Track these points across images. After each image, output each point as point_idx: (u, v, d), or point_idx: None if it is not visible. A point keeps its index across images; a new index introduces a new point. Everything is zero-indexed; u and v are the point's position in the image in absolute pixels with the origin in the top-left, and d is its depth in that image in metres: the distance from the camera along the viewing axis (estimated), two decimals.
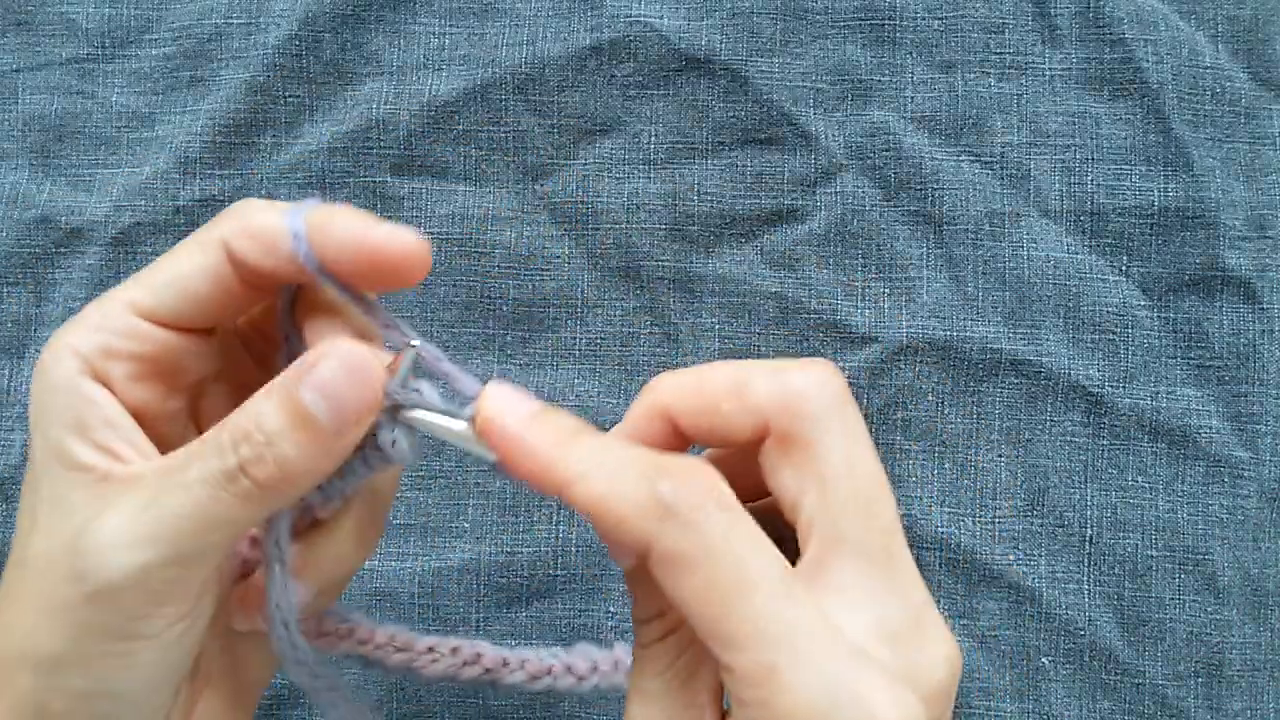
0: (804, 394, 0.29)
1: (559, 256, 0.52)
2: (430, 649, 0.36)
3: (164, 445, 0.32)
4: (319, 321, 0.32)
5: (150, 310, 0.31)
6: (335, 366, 0.28)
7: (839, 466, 0.29)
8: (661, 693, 0.29)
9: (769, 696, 0.26)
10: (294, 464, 0.28)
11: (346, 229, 0.30)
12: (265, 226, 0.31)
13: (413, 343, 0.30)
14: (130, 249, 0.51)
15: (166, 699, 0.31)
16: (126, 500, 0.29)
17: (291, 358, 0.32)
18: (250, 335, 0.36)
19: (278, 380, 0.29)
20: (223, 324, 0.34)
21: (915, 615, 0.28)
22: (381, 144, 0.52)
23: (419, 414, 0.30)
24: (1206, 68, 0.52)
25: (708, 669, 0.29)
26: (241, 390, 0.33)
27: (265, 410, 0.29)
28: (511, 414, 0.29)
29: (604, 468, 0.28)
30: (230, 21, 0.52)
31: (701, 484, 0.27)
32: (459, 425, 0.30)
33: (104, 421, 0.30)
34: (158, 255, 0.51)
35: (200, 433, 0.33)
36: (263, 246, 0.31)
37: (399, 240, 0.30)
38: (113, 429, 0.30)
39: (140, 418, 0.31)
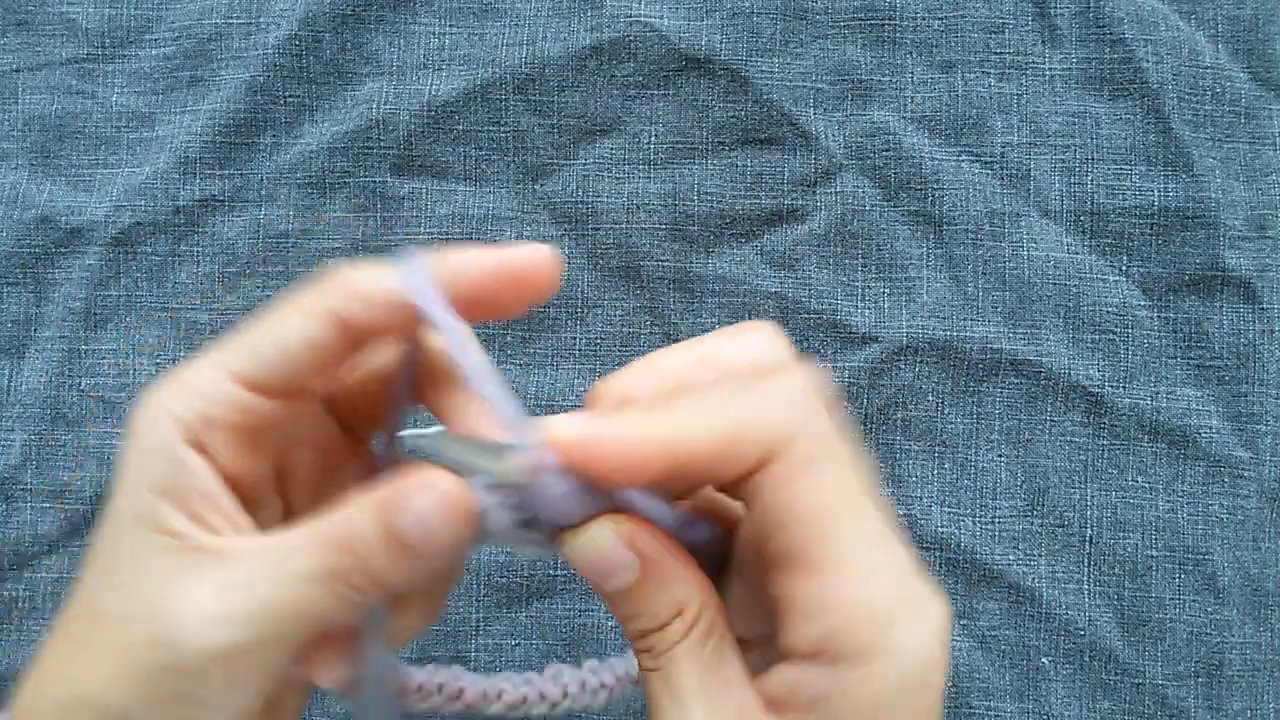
0: (761, 350, 0.31)
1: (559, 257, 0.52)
2: (420, 687, 0.37)
3: (250, 505, 0.32)
4: (453, 396, 0.33)
5: (253, 380, 0.31)
6: (430, 501, 0.29)
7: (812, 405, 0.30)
8: (698, 688, 0.29)
9: (870, 596, 0.27)
10: (386, 577, 0.30)
11: (466, 263, 0.31)
12: (375, 288, 0.31)
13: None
14: (130, 249, 0.51)
15: None
16: (217, 575, 0.30)
17: (399, 417, 0.33)
18: (331, 397, 0.36)
19: (377, 498, 0.30)
20: (315, 390, 0.34)
21: (894, 534, 0.30)
22: (381, 144, 0.52)
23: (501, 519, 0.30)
24: (1206, 68, 0.52)
25: (729, 643, 0.30)
26: (325, 453, 0.34)
27: (364, 528, 0.30)
28: (575, 422, 0.29)
29: (702, 410, 0.28)
30: (230, 21, 0.52)
31: (819, 390, 0.28)
32: (507, 460, 0.30)
33: (200, 492, 0.31)
34: (157, 255, 0.51)
35: (284, 494, 0.34)
36: (377, 308, 0.31)
37: (526, 253, 0.31)
38: (207, 500, 0.31)
39: (230, 481, 0.32)
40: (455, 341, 0.31)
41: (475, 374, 0.31)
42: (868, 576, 0.27)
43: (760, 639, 0.31)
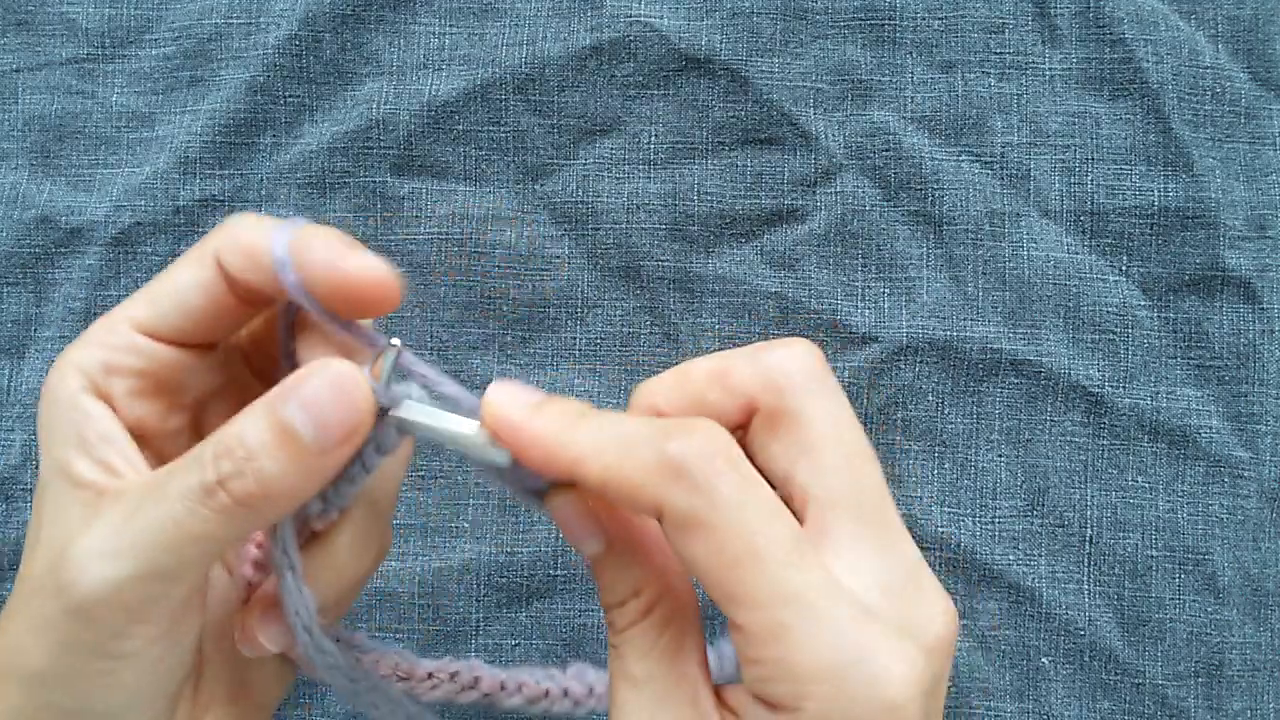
0: (784, 369, 0.30)
1: (559, 256, 0.52)
2: (430, 675, 0.36)
3: (165, 457, 0.31)
4: (311, 339, 0.32)
5: (149, 325, 0.31)
6: (321, 384, 0.28)
7: (826, 433, 0.30)
8: (650, 675, 0.29)
9: (781, 654, 0.26)
10: (275, 481, 0.28)
11: (323, 254, 0.30)
12: (253, 243, 0.31)
13: (393, 341, 0.30)
14: (130, 249, 0.51)
15: (157, 718, 0.31)
16: (109, 515, 0.29)
17: (288, 368, 0.32)
18: (252, 352, 0.36)
19: (263, 398, 0.29)
20: (222, 340, 0.34)
21: (911, 572, 0.29)
22: (381, 144, 0.52)
23: (420, 418, 0.30)
24: (1206, 68, 0.52)
25: (692, 642, 0.30)
26: (241, 406, 0.33)
27: (248, 427, 0.28)
28: (515, 405, 0.29)
29: (612, 440, 0.28)
30: (230, 21, 0.52)
31: (711, 442, 0.28)
32: (468, 427, 0.30)
33: (101, 437, 0.30)
34: (158, 255, 0.51)
35: None
36: (251, 262, 0.31)
37: (370, 271, 0.30)
38: (110, 444, 0.30)
39: (142, 435, 0.31)
40: (314, 310, 0.30)
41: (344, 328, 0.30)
42: (780, 634, 0.26)
43: None
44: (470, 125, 0.52)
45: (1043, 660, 0.50)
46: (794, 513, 0.30)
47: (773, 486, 0.30)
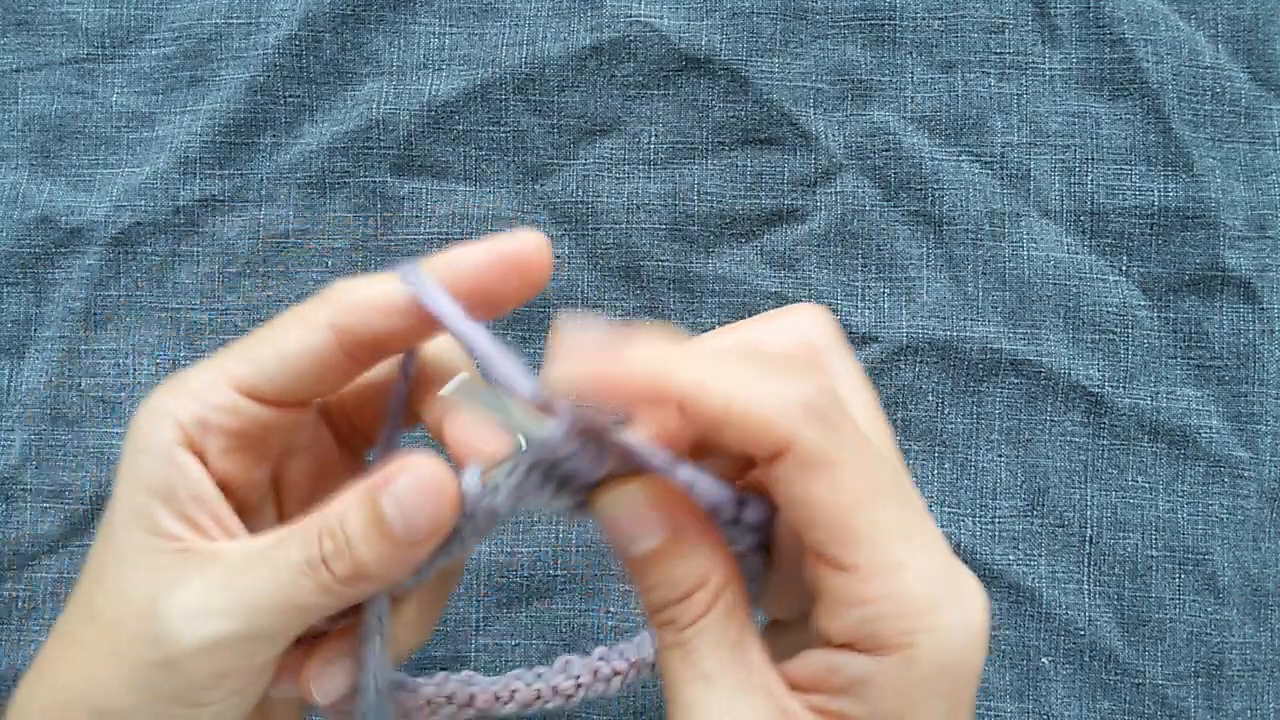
0: (815, 331, 0.31)
1: (559, 256, 0.52)
2: (428, 702, 0.36)
3: (245, 512, 0.33)
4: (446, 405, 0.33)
5: (250, 386, 0.32)
6: (412, 483, 0.29)
7: (855, 388, 0.31)
8: (723, 669, 0.29)
9: (897, 589, 0.27)
10: (369, 566, 0.29)
11: (472, 257, 0.32)
12: (375, 294, 0.32)
13: (522, 443, 0.30)
14: (130, 249, 0.51)
15: None
16: (206, 574, 0.30)
17: (395, 429, 0.33)
18: (329, 409, 0.36)
19: (363, 484, 0.30)
20: (321, 399, 0.35)
21: (928, 519, 0.30)
22: (381, 144, 0.52)
23: (487, 409, 0.30)
24: (1206, 68, 0.52)
25: (752, 630, 0.29)
26: (321, 464, 0.34)
27: (350, 512, 0.30)
28: (599, 341, 0.28)
29: (733, 370, 0.27)
30: (230, 21, 0.52)
31: (834, 390, 0.28)
32: (544, 427, 0.29)
33: (193, 495, 0.31)
34: (157, 255, 0.51)
35: (279, 503, 0.35)
36: (372, 313, 0.31)
37: (523, 242, 0.32)
38: (200, 503, 0.31)
39: (225, 486, 0.32)
40: (464, 330, 0.31)
41: (492, 358, 0.30)
42: (895, 570, 0.27)
43: (797, 620, 0.31)
44: (470, 125, 0.52)
45: (1043, 660, 0.50)
46: None
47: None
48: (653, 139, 0.52)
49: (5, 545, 0.49)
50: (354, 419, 0.36)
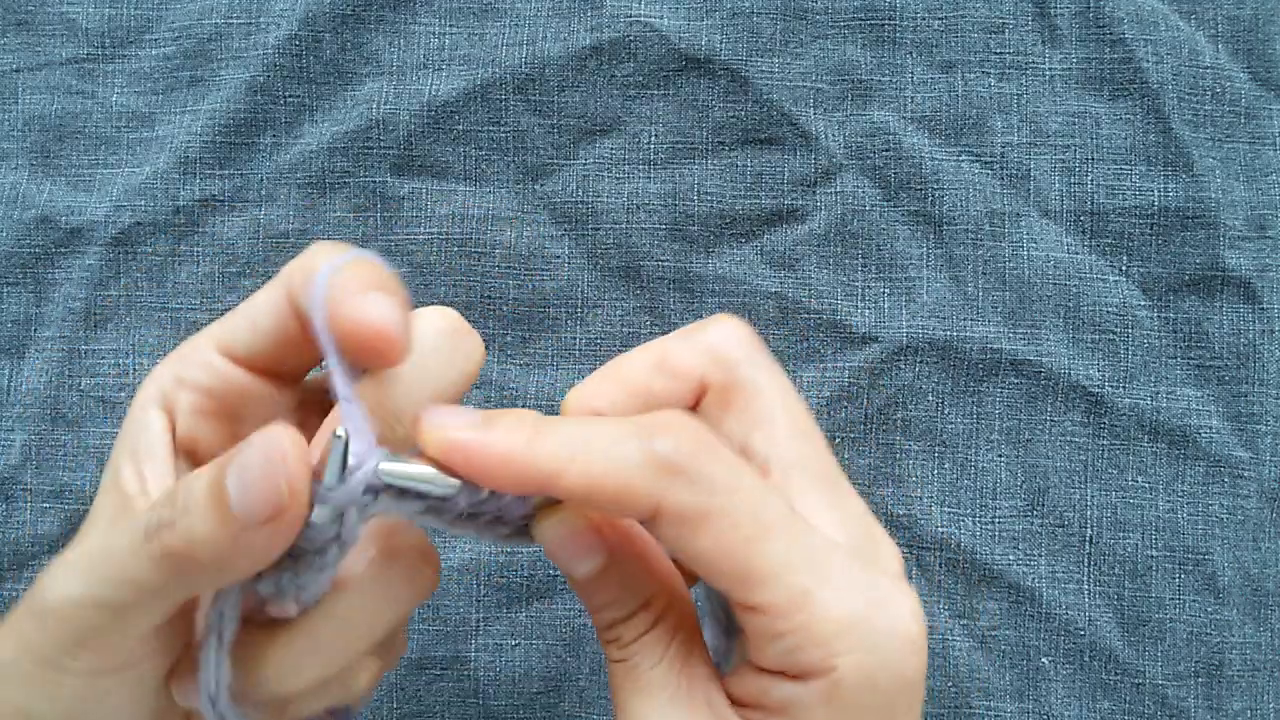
0: (728, 344, 0.31)
1: (559, 256, 0.52)
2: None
3: None
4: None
5: (224, 344, 0.32)
6: (253, 454, 0.26)
7: (776, 401, 0.30)
8: (664, 683, 0.29)
9: (808, 618, 0.26)
10: (200, 542, 0.26)
11: (339, 291, 0.28)
12: (311, 270, 0.30)
13: (337, 432, 0.27)
14: (130, 249, 0.51)
15: None
16: (101, 530, 0.29)
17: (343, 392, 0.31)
18: (324, 396, 0.35)
19: (227, 453, 0.27)
20: (294, 371, 0.33)
21: (866, 522, 0.30)
22: (381, 144, 0.52)
23: (394, 479, 0.27)
24: (1206, 68, 0.52)
25: (698, 645, 0.30)
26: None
27: (196, 478, 0.27)
28: (461, 425, 0.27)
29: (587, 445, 0.26)
30: (230, 21, 0.52)
31: (693, 432, 0.27)
32: (437, 478, 0.27)
33: (147, 448, 0.30)
34: (158, 255, 0.51)
35: None
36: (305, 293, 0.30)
37: (369, 318, 0.28)
38: (151, 458, 0.30)
39: (194, 450, 0.32)
40: (332, 361, 0.28)
41: (341, 392, 0.28)
42: (802, 601, 0.27)
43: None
44: (470, 125, 0.52)
45: (1043, 660, 0.50)
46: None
47: None
48: (653, 139, 0.52)
49: (5, 545, 0.49)
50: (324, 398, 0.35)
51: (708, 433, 0.28)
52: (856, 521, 0.30)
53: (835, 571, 0.27)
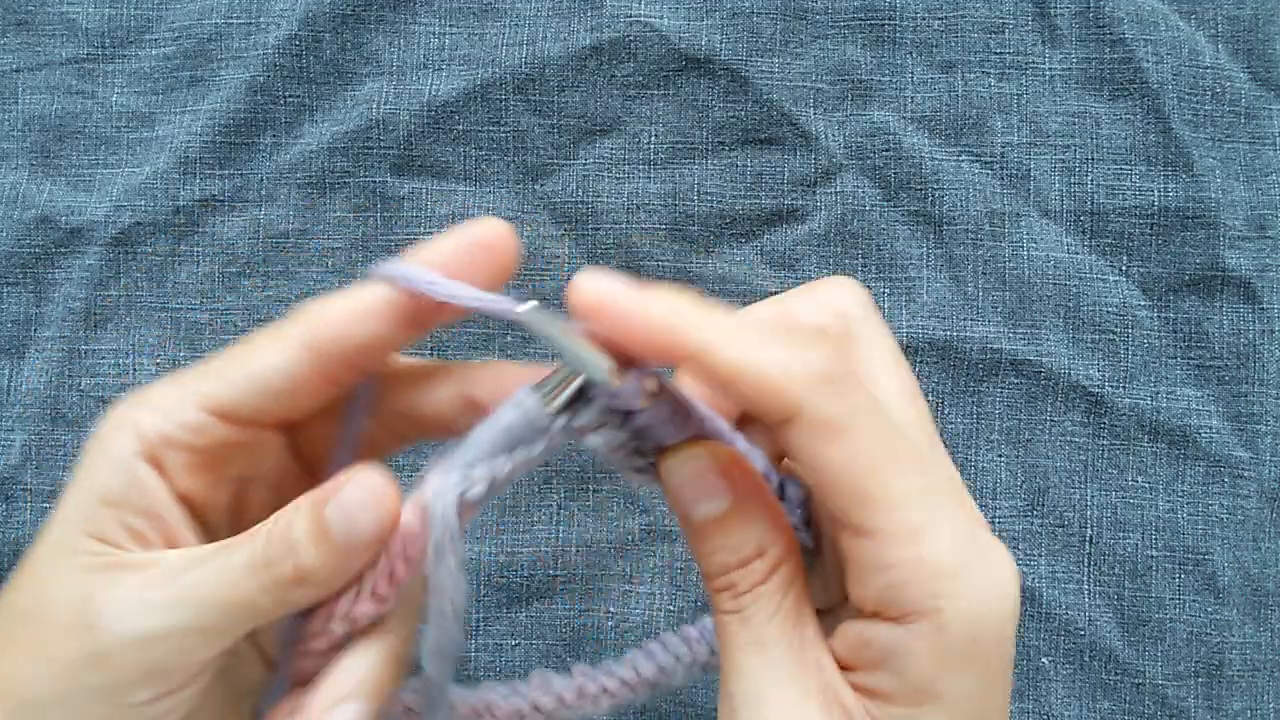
0: (849, 301, 0.32)
1: (559, 256, 0.52)
2: (406, 710, 0.35)
3: (206, 534, 0.32)
4: (428, 385, 0.33)
5: (221, 406, 0.32)
6: (356, 494, 0.29)
7: (888, 360, 0.31)
8: (778, 638, 0.29)
9: (919, 553, 0.27)
10: (311, 570, 0.29)
11: (438, 246, 0.32)
12: (347, 304, 0.32)
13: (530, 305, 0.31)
14: (130, 249, 0.51)
15: None
16: (144, 573, 0.30)
17: (349, 450, 0.33)
18: (296, 436, 0.36)
19: (310, 494, 0.30)
20: (292, 421, 0.34)
21: (959, 488, 0.30)
22: (381, 144, 0.52)
23: (545, 328, 0.30)
24: (1206, 68, 0.52)
25: (809, 606, 0.30)
26: (284, 490, 0.34)
27: (295, 518, 0.30)
28: (621, 291, 0.28)
29: (746, 333, 0.27)
30: (230, 21, 0.52)
31: (848, 354, 0.29)
32: (575, 342, 0.29)
33: (144, 508, 0.31)
34: (158, 255, 0.51)
35: (235, 528, 0.34)
36: (353, 322, 0.31)
37: (485, 228, 0.32)
38: (149, 518, 0.31)
39: (185, 504, 0.32)
40: (465, 295, 0.31)
41: (507, 313, 0.31)
42: (915, 535, 0.27)
43: (835, 607, 0.31)
44: (470, 125, 0.52)
45: (1043, 660, 0.50)
46: None
47: None
48: (653, 139, 0.52)
49: (5, 545, 0.49)
50: (320, 446, 0.36)
51: (854, 360, 0.29)
52: (949, 483, 0.30)
53: (953, 517, 0.28)
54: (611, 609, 0.50)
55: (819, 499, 0.28)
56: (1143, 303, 0.51)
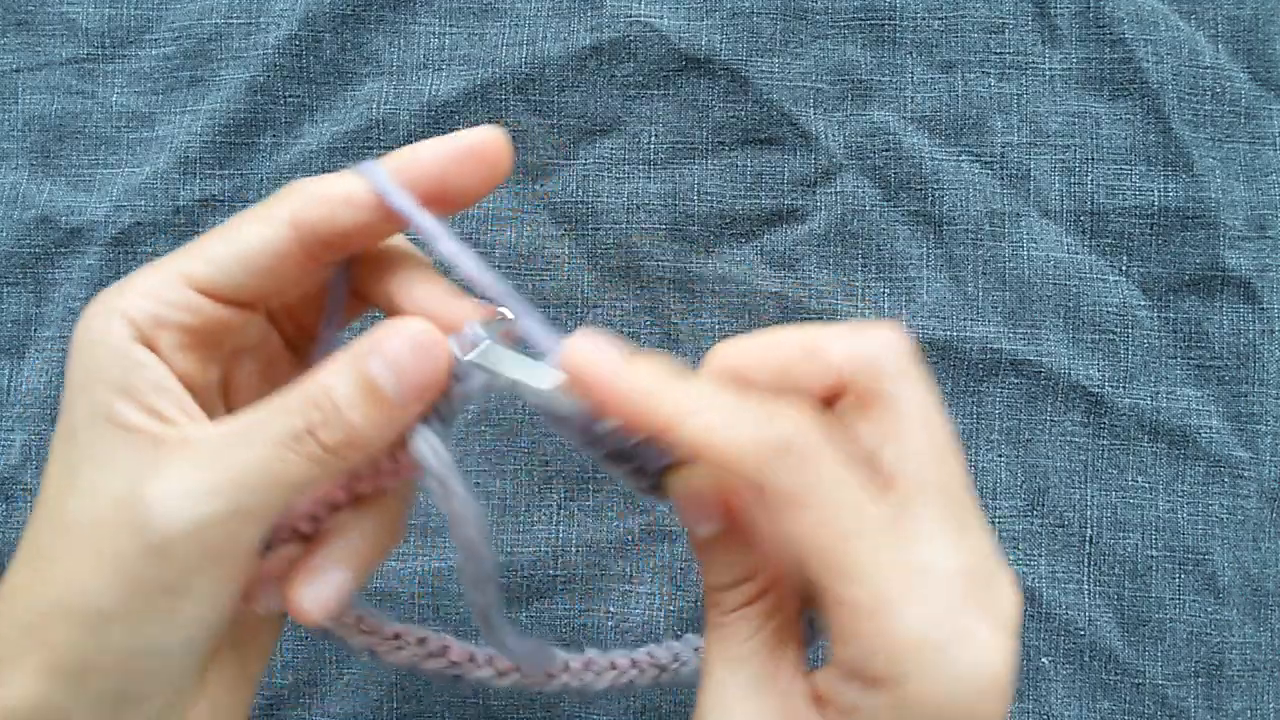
0: (882, 353, 0.30)
1: (559, 256, 0.52)
2: (396, 635, 0.36)
3: (206, 412, 0.32)
4: (400, 279, 0.33)
5: (207, 284, 0.32)
6: (403, 343, 0.30)
7: (916, 418, 0.30)
8: (751, 657, 0.30)
9: (885, 626, 0.27)
10: (360, 431, 0.30)
11: (430, 149, 0.32)
12: (336, 188, 0.32)
13: (501, 310, 0.32)
14: (130, 249, 0.51)
15: (198, 664, 0.32)
16: (185, 459, 0.30)
17: (334, 326, 0.33)
18: (276, 310, 0.36)
19: (349, 352, 0.30)
20: (278, 299, 0.35)
21: (989, 558, 0.30)
22: (381, 144, 0.52)
23: (504, 369, 0.31)
24: (1206, 68, 0.52)
25: (792, 637, 0.31)
26: (269, 365, 0.34)
27: (336, 380, 0.30)
28: (605, 358, 0.29)
29: (715, 405, 0.28)
30: (230, 21, 0.52)
31: (812, 428, 0.28)
32: (546, 380, 0.30)
33: (154, 386, 0.31)
34: (157, 255, 0.51)
35: (229, 406, 0.34)
36: (339, 206, 0.31)
37: (482, 135, 0.32)
38: (162, 394, 0.31)
39: (189, 387, 0.32)
40: (428, 226, 0.31)
41: (455, 257, 0.31)
42: (884, 608, 0.27)
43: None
44: (470, 125, 0.52)
45: (1043, 660, 0.50)
46: (882, 487, 0.30)
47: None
48: (653, 139, 0.52)
49: (5, 545, 0.49)
50: (301, 319, 0.36)
51: (824, 433, 0.29)
52: (973, 554, 0.29)
53: (926, 591, 0.27)
54: (611, 609, 0.50)
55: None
56: (1143, 303, 0.51)
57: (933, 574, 0.28)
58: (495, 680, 0.38)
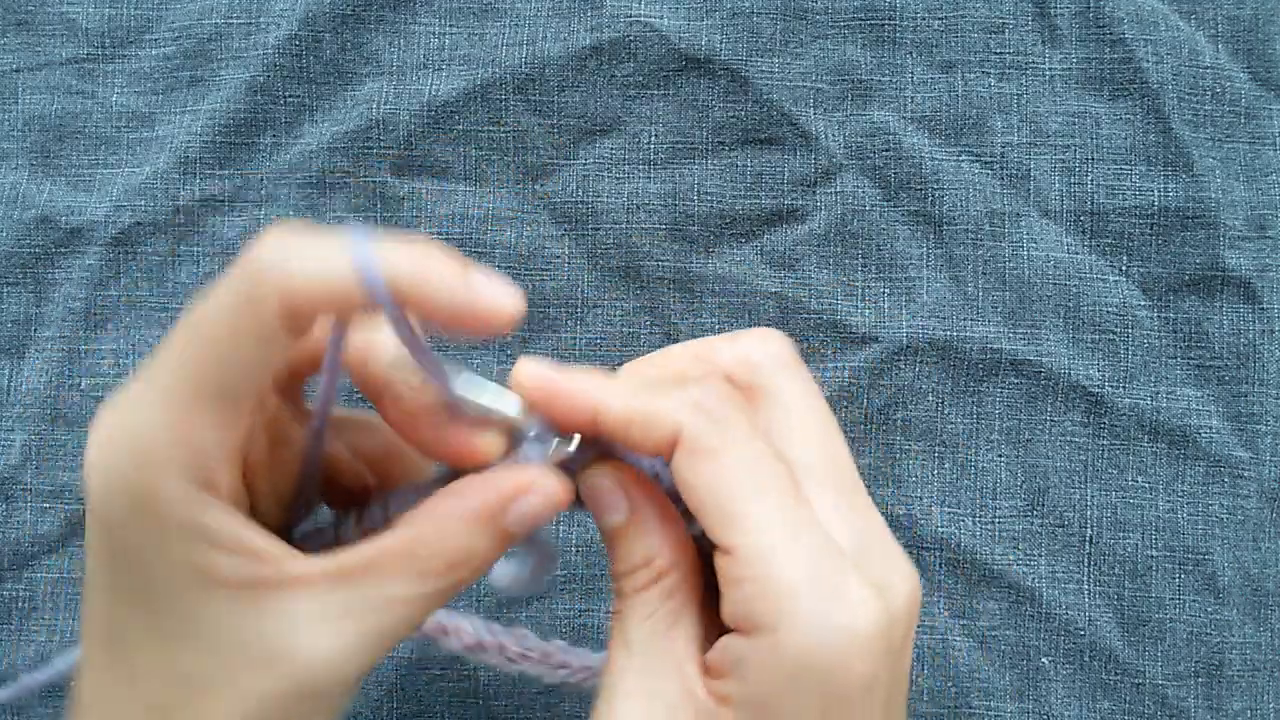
0: (758, 350, 0.34)
1: (559, 256, 0.52)
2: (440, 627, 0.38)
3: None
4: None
5: (232, 420, 0.30)
6: (541, 503, 0.31)
7: (799, 407, 0.33)
8: (645, 640, 0.31)
9: (766, 571, 0.29)
10: (486, 562, 0.32)
11: (442, 282, 0.28)
12: (322, 276, 0.27)
13: (457, 386, 0.32)
14: (130, 249, 0.51)
15: None
16: (310, 608, 0.30)
17: (333, 383, 0.33)
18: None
19: (474, 508, 0.31)
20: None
21: (880, 537, 0.32)
22: (381, 144, 0.52)
23: (471, 396, 0.32)
24: (1206, 68, 0.52)
25: (689, 617, 0.32)
26: (272, 421, 0.33)
27: (474, 543, 0.31)
28: (545, 368, 0.32)
29: (634, 389, 0.31)
30: (230, 21, 0.52)
31: (727, 392, 0.31)
32: (510, 402, 0.32)
33: (227, 530, 0.29)
34: (157, 255, 0.51)
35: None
36: (326, 298, 0.28)
37: (499, 299, 0.29)
38: (236, 535, 0.30)
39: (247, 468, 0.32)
40: (408, 341, 0.30)
41: (433, 372, 0.31)
42: (768, 555, 0.29)
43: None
44: (470, 125, 0.52)
45: (1043, 660, 0.50)
46: None
47: None
48: (653, 139, 0.52)
49: (5, 545, 0.49)
50: (297, 372, 0.35)
51: (738, 397, 0.32)
52: (863, 535, 0.31)
53: (811, 546, 0.29)
54: (611, 609, 0.50)
55: (697, 517, 0.31)
56: (1143, 303, 0.51)
57: (820, 535, 0.30)
58: (466, 653, 0.39)
